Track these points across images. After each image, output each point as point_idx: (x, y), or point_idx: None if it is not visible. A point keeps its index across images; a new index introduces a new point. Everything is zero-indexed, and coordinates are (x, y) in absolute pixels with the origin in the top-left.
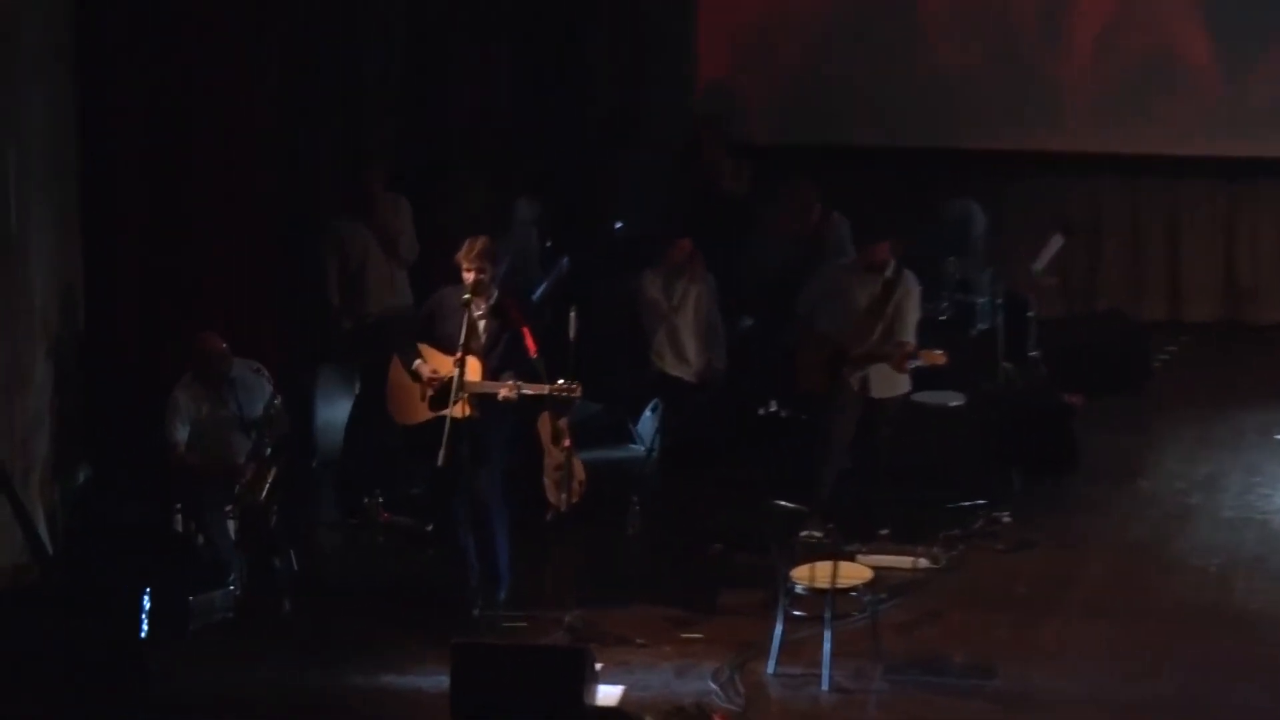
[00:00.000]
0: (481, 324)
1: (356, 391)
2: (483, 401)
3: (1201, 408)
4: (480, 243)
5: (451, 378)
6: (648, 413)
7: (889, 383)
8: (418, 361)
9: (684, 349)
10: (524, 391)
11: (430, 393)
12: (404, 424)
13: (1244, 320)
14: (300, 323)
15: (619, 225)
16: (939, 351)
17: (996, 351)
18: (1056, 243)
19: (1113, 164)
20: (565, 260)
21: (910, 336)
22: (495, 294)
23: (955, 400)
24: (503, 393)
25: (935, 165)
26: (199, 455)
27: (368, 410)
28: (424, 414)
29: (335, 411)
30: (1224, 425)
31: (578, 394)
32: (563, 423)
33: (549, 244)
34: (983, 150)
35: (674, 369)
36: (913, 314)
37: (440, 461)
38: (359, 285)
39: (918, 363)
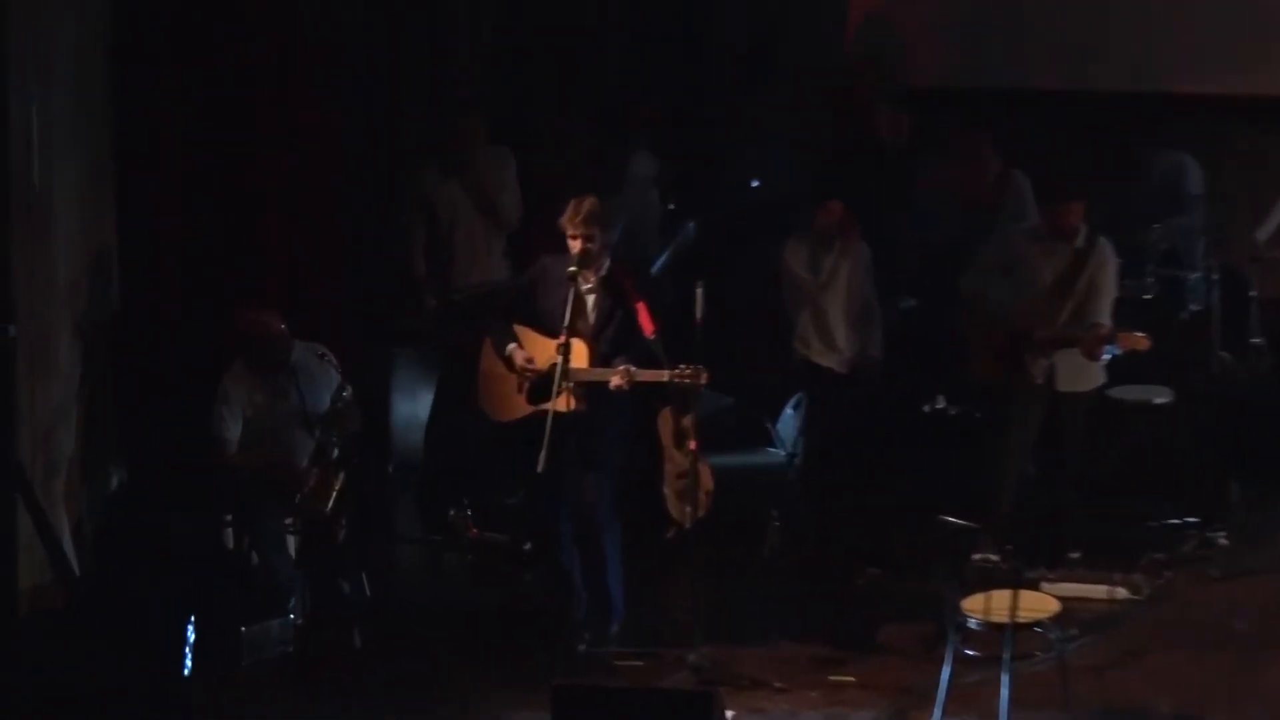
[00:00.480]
0: (590, 300)
1: (441, 382)
2: (591, 393)
3: None
4: (588, 204)
5: (553, 365)
6: (789, 409)
7: (1080, 374)
8: (511, 346)
9: (833, 334)
10: (639, 379)
11: (528, 383)
12: (497, 420)
13: None
14: (376, 299)
15: (755, 184)
16: (1141, 335)
17: (1211, 338)
18: None
19: None
20: (691, 225)
21: (1106, 318)
22: (606, 265)
23: (1160, 396)
24: (614, 381)
25: (1136, 112)
26: (253, 457)
27: (454, 405)
28: (521, 408)
29: (416, 406)
30: None
31: (703, 383)
32: (687, 420)
33: (671, 206)
34: (1195, 95)
35: (821, 357)
36: (1109, 291)
37: (540, 466)
38: (448, 254)
39: (1115, 350)
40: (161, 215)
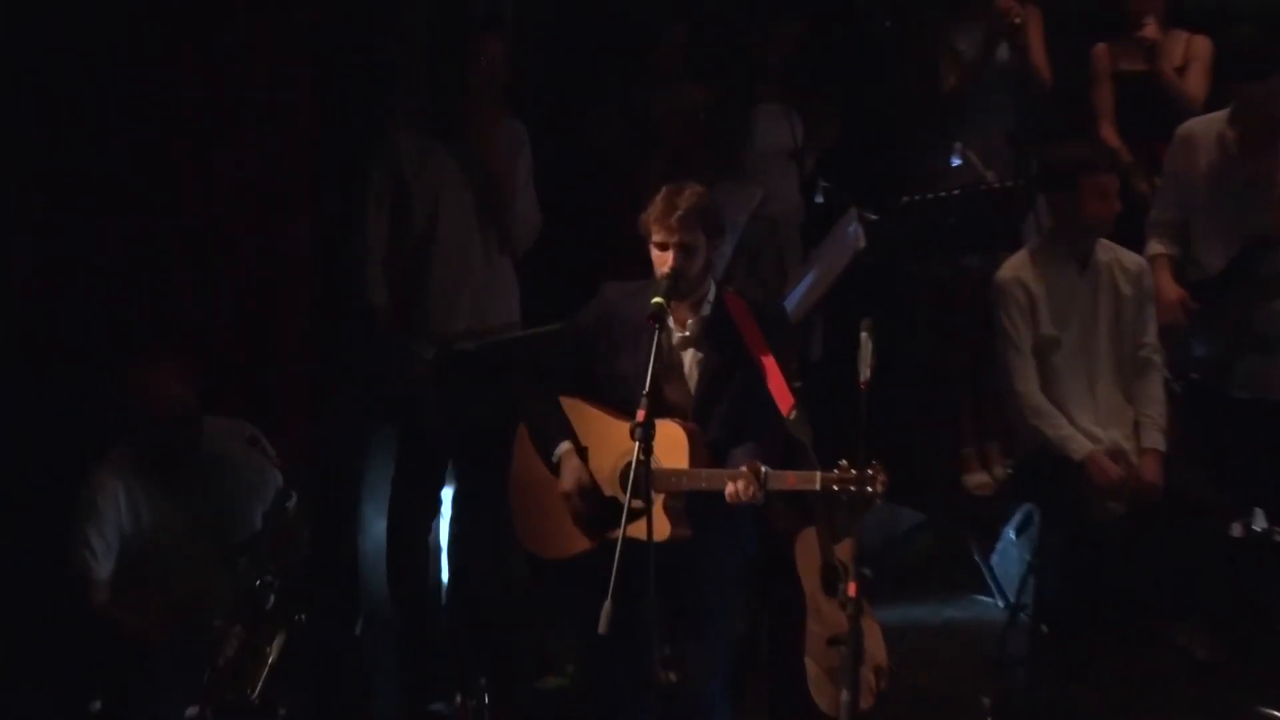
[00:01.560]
0: (687, 356)
1: (447, 488)
2: (693, 510)
3: None
4: (690, 195)
5: (623, 467)
6: (1009, 533)
7: None
8: (564, 449)
9: (1085, 404)
10: (773, 488)
11: (582, 502)
12: (541, 558)
13: None
14: (342, 351)
15: (956, 160)
16: None
17: None
18: None
19: None
20: (854, 226)
21: None
22: (712, 292)
23: None
24: (731, 489)
25: None
26: (135, 606)
27: (469, 523)
28: (575, 539)
29: (401, 522)
30: None
31: (880, 491)
32: (845, 551)
33: (823, 187)
34: None
35: (1065, 443)
36: None
37: (603, 626)
38: (422, 267)
39: None
40: (10, 224)
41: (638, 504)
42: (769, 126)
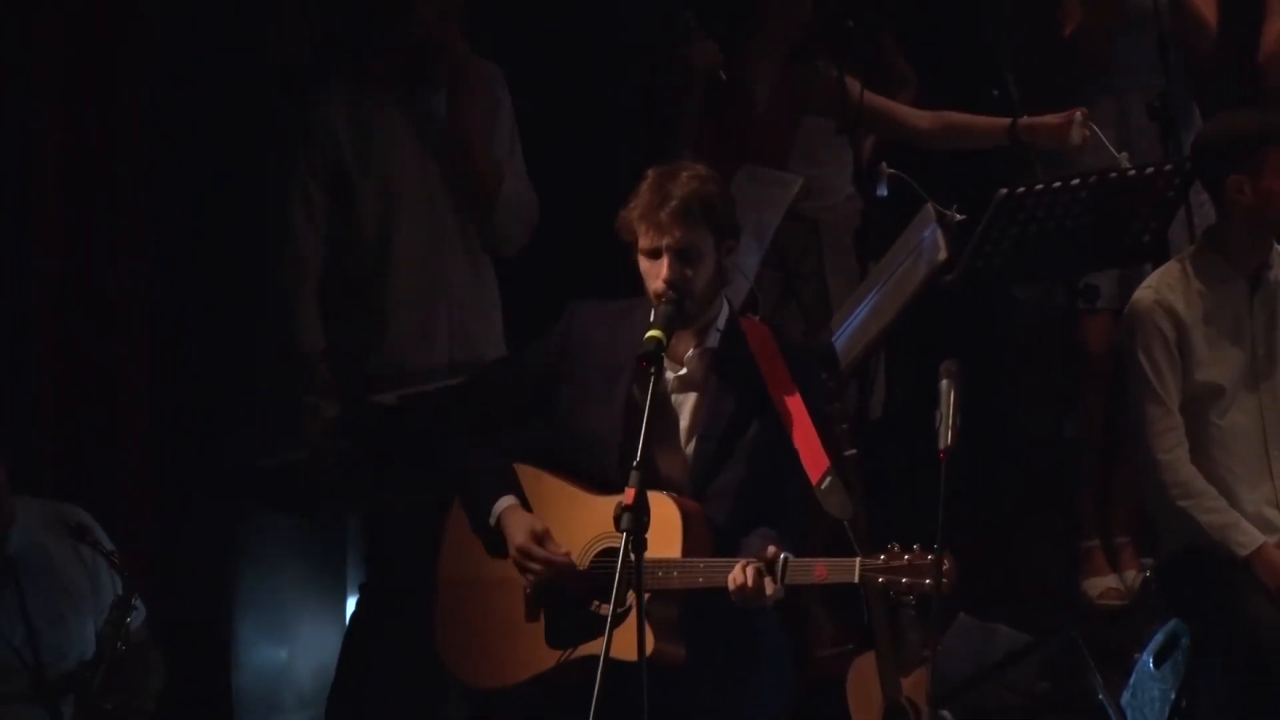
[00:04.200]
0: (685, 405)
1: (356, 592)
2: (694, 614)
3: None
4: (686, 179)
5: (605, 552)
6: (1148, 660)
7: None
8: (505, 505)
9: (1258, 479)
10: (797, 582)
11: (545, 599)
12: (482, 688)
13: None
14: (207, 406)
15: (1076, 137)
16: None
17: None
18: None
19: None
20: (931, 229)
21: None
22: (723, 317)
23: None
24: (736, 579)
25: None
26: None
27: (385, 641)
28: (536, 660)
29: (300, 643)
30: None
31: (946, 587)
32: (915, 685)
33: (889, 175)
34: None
35: (1227, 532)
36: None
37: None
38: (376, 292)
39: None
40: None
41: (610, 607)
42: (828, 75)
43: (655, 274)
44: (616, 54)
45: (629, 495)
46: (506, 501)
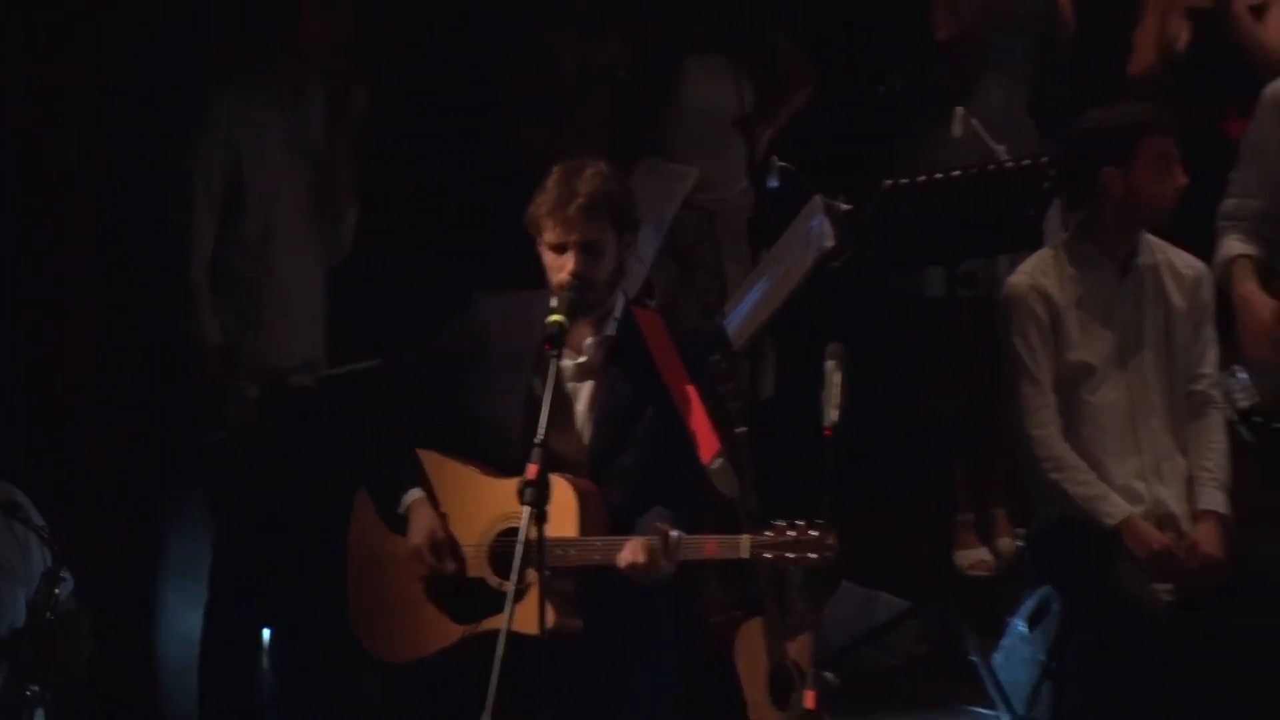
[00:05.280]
0: (582, 391)
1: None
2: (590, 591)
3: None
4: (590, 176)
5: (504, 534)
6: (1019, 625)
7: None
8: (413, 498)
9: (1125, 454)
10: (687, 557)
11: (449, 581)
12: (388, 662)
13: None
14: (137, 389)
15: (957, 130)
16: None
17: None
18: None
19: None
20: (819, 219)
21: None
22: (619, 307)
23: None
24: (626, 557)
25: None
26: None
27: (303, 616)
28: (440, 635)
29: (220, 615)
30: None
31: (829, 559)
32: (800, 648)
33: (779, 168)
34: None
35: (1095, 504)
36: None
37: None
38: (253, 272)
39: None
40: None
41: (511, 584)
42: (705, 85)
43: (560, 267)
44: (525, 52)
45: (531, 471)
46: (414, 495)
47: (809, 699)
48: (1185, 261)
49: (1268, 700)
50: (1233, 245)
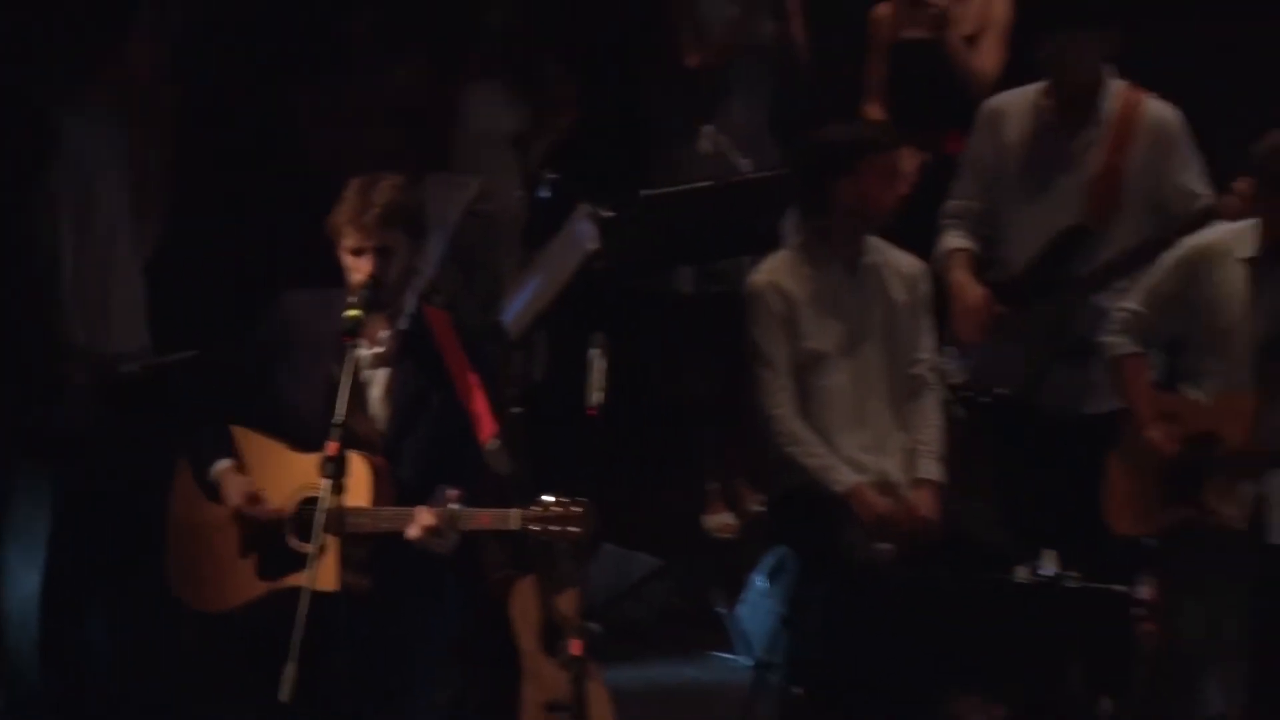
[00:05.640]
0: (377, 378)
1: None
2: (382, 556)
3: None
4: (384, 189)
5: (307, 502)
6: (759, 580)
7: None
8: (223, 466)
9: (852, 430)
10: (468, 527)
11: (257, 540)
12: (202, 611)
13: None
14: None
15: (707, 147)
16: None
17: None
18: None
19: None
20: (585, 225)
21: None
22: (413, 306)
23: None
24: (414, 530)
25: None
26: None
27: (131, 576)
28: (247, 587)
29: (59, 577)
30: None
31: (588, 529)
32: (567, 602)
33: (549, 180)
34: None
35: (826, 473)
36: None
37: (285, 694)
38: (119, 287)
39: None
40: None
41: (313, 546)
42: (485, 108)
43: (358, 269)
44: (323, 79)
45: (331, 448)
46: (224, 464)
47: (575, 647)
48: (905, 261)
49: (976, 643)
50: (952, 240)
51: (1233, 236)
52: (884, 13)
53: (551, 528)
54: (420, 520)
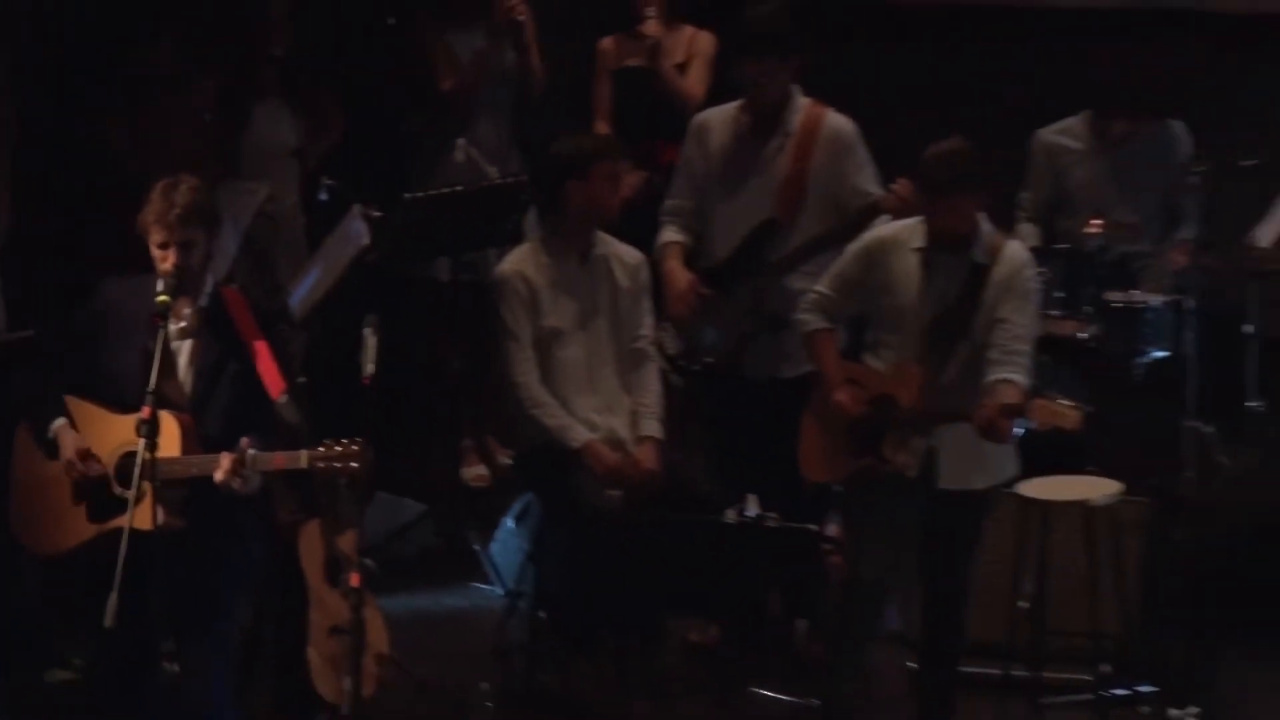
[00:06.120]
0: (184, 349)
1: None
2: (192, 497)
3: None
4: (186, 191)
5: (126, 454)
6: (509, 522)
7: (974, 463)
8: (58, 424)
9: (585, 395)
10: (263, 468)
11: (87, 489)
12: (43, 554)
13: None
14: None
15: (460, 157)
16: (1069, 405)
17: (1183, 403)
18: None
19: None
20: (357, 223)
21: (1019, 375)
22: (210, 285)
23: (1102, 498)
24: (220, 473)
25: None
26: None
27: None
28: (79, 531)
29: None
30: None
31: (365, 467)
32: (347, 542)
33: (327, 185)
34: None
35: (563, 431)
36: (1023, 327)
37: (107, 620)
38: None
39: (1029, 426)
40: None
41: (132, 493)
42: (269, 123)
43: (164, 259)
44: (128, 98)
45: (146, 411)
46: (60, 423)
47: (354, 579)
48: (629, 252)
49: (693, 573)
50: (668, 234)
51: (906, 230)
52: (608, 44)
53: (335, 464)
54: (223, 464)
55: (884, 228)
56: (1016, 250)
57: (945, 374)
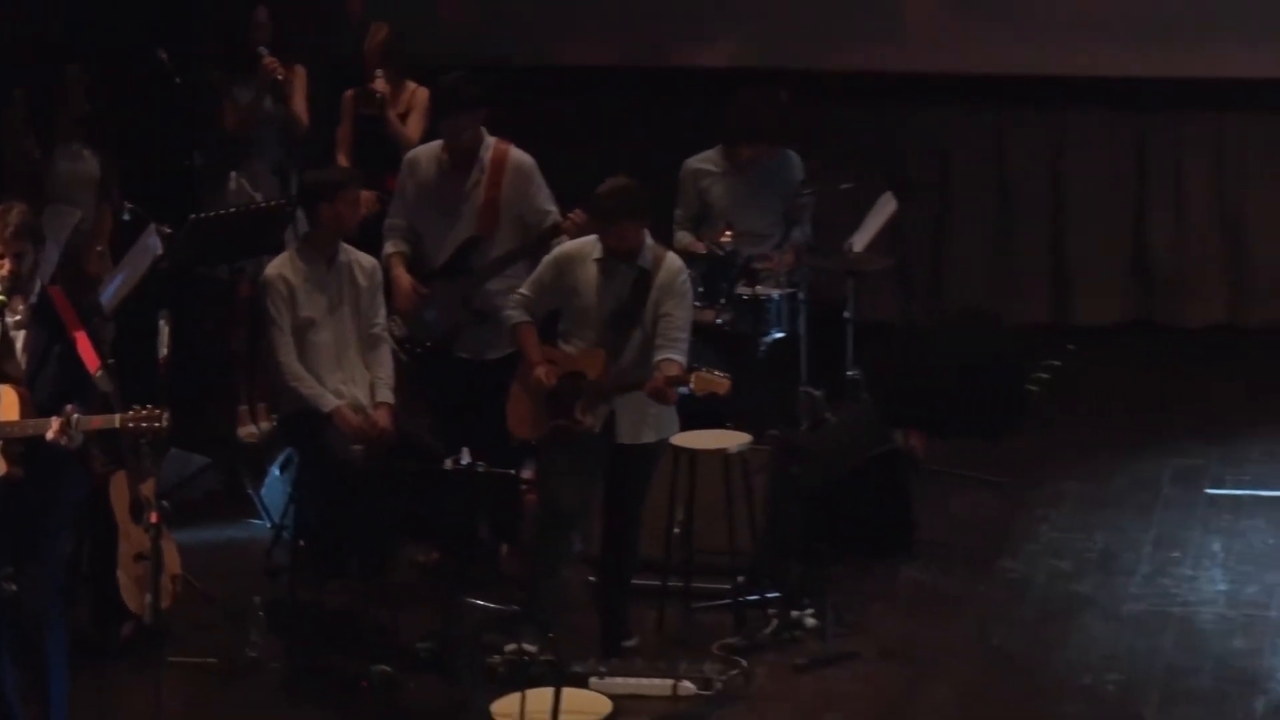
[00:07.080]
0: (20, 336)
1: None
2: (28, 454)
3: (1097, 450)
4: (16, 214)
5: None
6: (275, 470)
7: (646, 422)
8: None
9: (334, 370)
10: (84, 428)
11: None
12: None
13: (1160, 321)
14: None
15: (233, 185)
16: (720, 376)
17: (798, 373)
18: (887, 207)
19: (969, 89)
20: (153, 239)
21: (679, 355)
22: (39, 287)
23: (737, 446)
24: (51, 432)
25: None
26: None
27: None
28: None
29: None
30: (1128, 476)
31: (163, 426)
32: (147, 486)
33: (129, 208)
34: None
35: (317, 399)
36: (681, 319)
37: None
38: None
39: (687, 391)
40: None
41: None
42: (72, 162)
43: (2, 267)
44: None
45: None
46: None
47: (153, 517)
48: (366, 258)
49: (419, 510)
50: (390, 246)
51: (589, 245)
52: (349, 97)
53: (142, 425)
54: (54, 426)
55: (570, 243)
56: (674, 260)
57: (624, 356)
